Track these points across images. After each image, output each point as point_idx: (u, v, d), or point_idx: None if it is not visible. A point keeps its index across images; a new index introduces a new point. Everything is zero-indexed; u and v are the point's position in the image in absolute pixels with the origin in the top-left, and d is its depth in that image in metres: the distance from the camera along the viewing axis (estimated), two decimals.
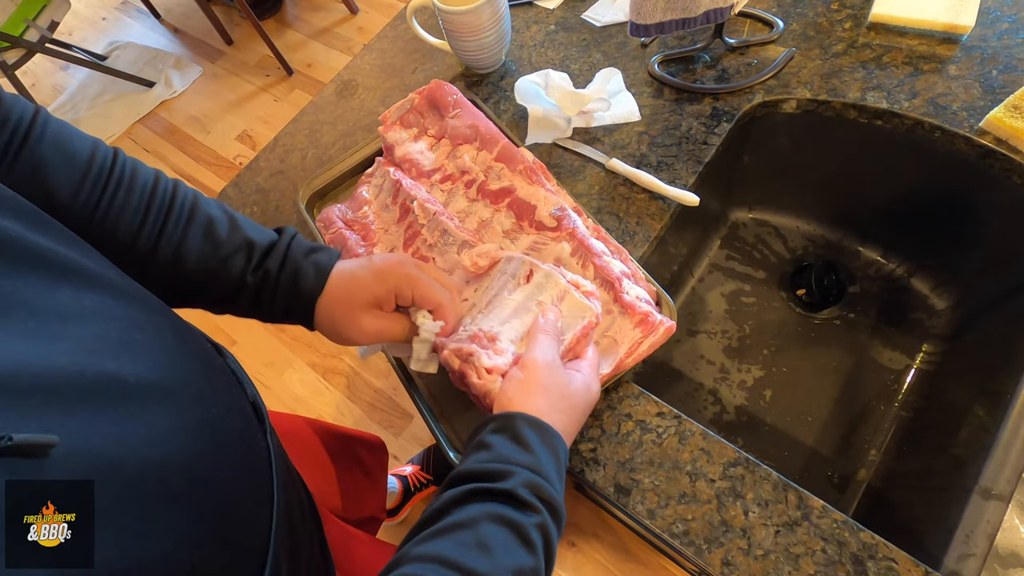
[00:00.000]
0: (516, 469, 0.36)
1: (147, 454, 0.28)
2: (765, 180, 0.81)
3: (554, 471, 0.38)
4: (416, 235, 0.61)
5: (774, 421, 0.76)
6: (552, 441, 0.39)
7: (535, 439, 0.38)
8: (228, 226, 0.45)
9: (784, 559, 0.44)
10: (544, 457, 0.38)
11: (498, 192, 0.60)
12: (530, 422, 0.39)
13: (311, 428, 0.72)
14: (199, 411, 0.33)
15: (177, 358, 0.34)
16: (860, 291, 0.81)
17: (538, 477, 0.37)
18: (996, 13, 0.65)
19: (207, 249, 0.44)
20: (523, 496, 0.35)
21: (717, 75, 0.69)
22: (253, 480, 0.37)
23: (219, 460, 0.33)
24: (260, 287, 0.46)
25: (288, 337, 1.59)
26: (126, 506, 0.26)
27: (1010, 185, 0.59)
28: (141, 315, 0.34)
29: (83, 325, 0.29)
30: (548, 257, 0.55)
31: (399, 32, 0.87)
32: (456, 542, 0.32)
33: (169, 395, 0.32)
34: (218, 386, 0.37)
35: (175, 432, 0.30)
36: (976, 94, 0.61)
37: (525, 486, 0.35)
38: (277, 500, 0.38)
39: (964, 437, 0.58)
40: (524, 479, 0.36)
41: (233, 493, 0.34)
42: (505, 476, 0.36)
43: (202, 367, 0.37)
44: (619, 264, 0.54)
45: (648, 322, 0.49)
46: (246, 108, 2.10)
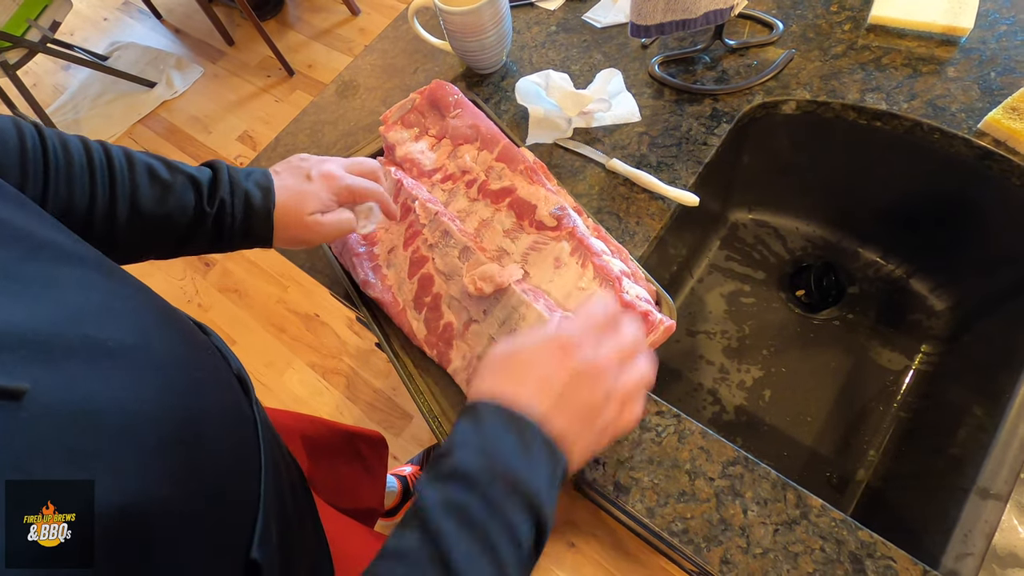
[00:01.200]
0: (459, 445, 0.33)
1: (130, 407, 0.29)
2: (765, 181, 0.82)
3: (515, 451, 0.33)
4: (417, 234, 0.61)
5: (773, 421, 0.76)
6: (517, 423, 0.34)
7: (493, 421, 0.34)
8: (165, 167, 0.47)
9: (783, 557, 0.44)
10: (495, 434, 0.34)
11: (499, 192, 0.60)
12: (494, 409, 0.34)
13: (310, 423, 0.72)
14: (183, 374, 0.34)
15: (159, 327, 0.35)
16: (859, 292, 0.82)
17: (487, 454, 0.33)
18: (995, 15, 0.66)
19: (157, 193, 0.46)
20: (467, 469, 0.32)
21: (717, 76, 0.70)
22: (240, 443, 0.38)
23: (205, 419, 0.34)
24: (219, 216, 0.48)
25: (288, 337, 1.59)
26: (113, 450, 0.27)
27: (1008, 186, 0.59)
28: (121, 288, 0.35)
29: (64, 292, 0.30)
30: (548, 256, 0.55)
31: (400, 33, 0.87)
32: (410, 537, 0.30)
33: (152, 359, 0.32)
34: (201, 356, 0.38)
35: (158, 389, 0.31)
36: (975, 96, 0.61)
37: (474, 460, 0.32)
38: (265, 466, 0.38)
39: (962, 437, 0.59)
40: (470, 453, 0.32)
41: (220, 452, 0.35)
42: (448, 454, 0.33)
43: (184, 337, 0.37)
44: (619, 263, 0.54)
45: (648, 321, 0.49)
46: (247, 108, 2.11)
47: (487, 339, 0.54)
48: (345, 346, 1.55)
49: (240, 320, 1.64)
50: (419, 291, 0.59)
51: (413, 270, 0.60)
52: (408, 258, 0.61)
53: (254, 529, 0.35)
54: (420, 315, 0.58)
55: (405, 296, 0.59)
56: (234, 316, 1.65)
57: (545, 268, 0.54)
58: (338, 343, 1.55)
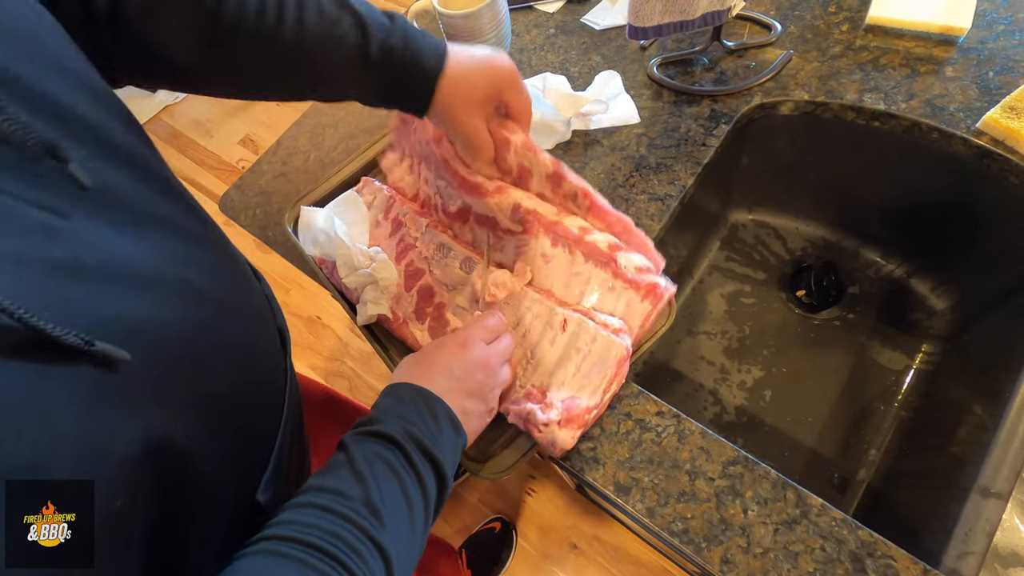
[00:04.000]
0: (383, 415, 0.40)
1: (205, 353, 0.33)
2: (764, 181, 0.82)
3: (425, 418, 0.41)
4: (410, 247, 0.61)
5: (774, 422, 0.76)
6: (427, 399, 0.43)
7: (410, 396, 0.42)
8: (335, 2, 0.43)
9: (783, 557, 0.44)
10: (412, 406, 0.42)
11: (459, 212, 0.58)
12: (408, 386, 0.43)
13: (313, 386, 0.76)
14: (244, 326, 0.39)
15: (230, 275, 0.39)
16: (859, 292, 0.82)
17: (404, 421, 0.40)
18: (992, 15, 0.66)
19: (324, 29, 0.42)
20: (390, 432, 0.39)
21: (715, 77, 0.70)
22: (271, 392, 0.42)
23: (250, 372, 0.39)
24: (382, 64, 0.44)
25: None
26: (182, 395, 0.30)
27: (1007, 185, 0.59)
28: (203, 229, 0.38)
29: (163, 230, 0.33)
30: (535, 255, 0.54)
31: None
32: (338, 475, 0.36)
33: (225, 306, 0.36)
34: (257, 307, 0.42)
35: (226, 340, 0.35)
36: (973, 95, 0.61)
37: (395, 427, 0.39)
38: (285, 414, 0.43)
39: (963, 436, 0.58)
40: (392, 421, 0.40)
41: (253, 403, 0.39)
42: (376, 421, 0.40)
43: (247, 286, 0.41)
44: (603, 236, 0.52)
45: (656, 293, 0.51)
46: (249, 112, 2.11)
47: None
48: (347, 348, 1.55)
49: None
50: (420, 302, 0.59)
51: (410, 283, 0.60)
52: (403, 271, 0.61)
53: (263, 474, 0.39)
54: (423, 325, 0.58)
55: (405, 309, 0.59)
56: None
57: (538, 267, 0.54)
58: (340, 346, 1.56)
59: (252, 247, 1.78)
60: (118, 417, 0.26)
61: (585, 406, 0.49)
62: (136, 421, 0.27)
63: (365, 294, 0.59)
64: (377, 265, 0.58)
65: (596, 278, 0.52)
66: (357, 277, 0.58)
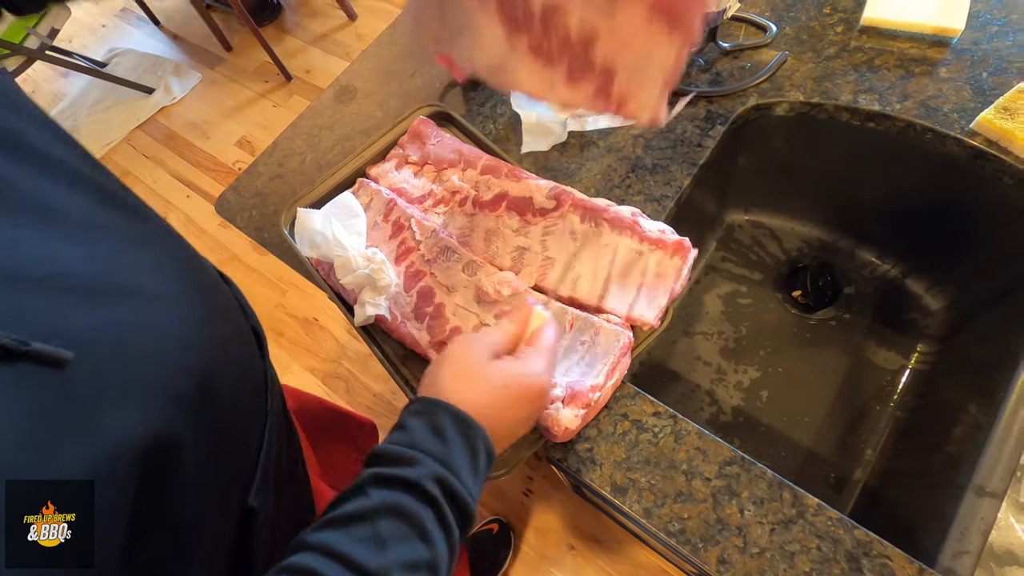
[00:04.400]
0: (423, 458, 0.35)
1: (164, 354, 0.31)
2: (760, 182, 0.82)
3: (466, 464, 0.37)
4: (411, 250, 0.62)
5: (770, 422, 0.76)
6: (471, 435, 0.38)
7: (452, 431, 0.37)
8: None
9: (779, 557, 0.44)
10: (456, 449, 0.37)
11: (493, 200, 0.61)
12: (453, 414, 0.38)
13: (306, 398, 0.74)
14: (212, 327, 0.36)
15: (192, 277, 0.37)
16: (855, 292, 0.82)
17: (444, 469, 0.35)
18: (986, 16, 0.66)
19: None
20: (427, 488, 0.34)
21: (711, 78, 0.70)
22: (251, 394, 0.40)
23: (224, 368, 0.36)
24: None
25: (287, 341, 1.59)
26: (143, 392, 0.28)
27: (1001, 186, 0.60)
28: (158, 234, 0.37)
29: (112, 238, 0.32)
30: (563, 234, 0.57)
31: (397, 37, 0.88)
32: (350, 535, 0.32)
33: (187, 308, 0.34)
34: (225, 308, 0.41)
35: (192, 341, 0.33)
36: (967, 96, 0.61)
37: (431, 478, 0.34)
38: (269, 419, 0.41)
39: (958, 435, 0.59)
40: (429, 469, 0.35)
41: (233, 400, 0.37)
42: (412, 463, 0.35)
43: (213, 288, 0.40)
44: (626, 208, 0.57)
45: (684, 247, 0.54)
46: (245, 114, 2.11)
47: None
48: (344, 350, 1.55)
49: None
50: (419, 302, 0.59)
51: (409, 284, 0.60)
52: (403, 273, 0.61)
53: (254, 477, 0.37)
54: (422, 324, 0.58)
55: (403, 309, 0.60)
56: None
57: (565, 245, 0.57)
58: (337, 347, 1.56)
59: (248, 249, 1.78)
60: (72, 419, 0.25)
61: (590, 385, 0.50)
62: (95, 423, 0.26)
63: (362, 295, 0.59)
64: (374, 266, 0.58)
65: (622, 246, 0.55)
66: (354, 278, 0.58)
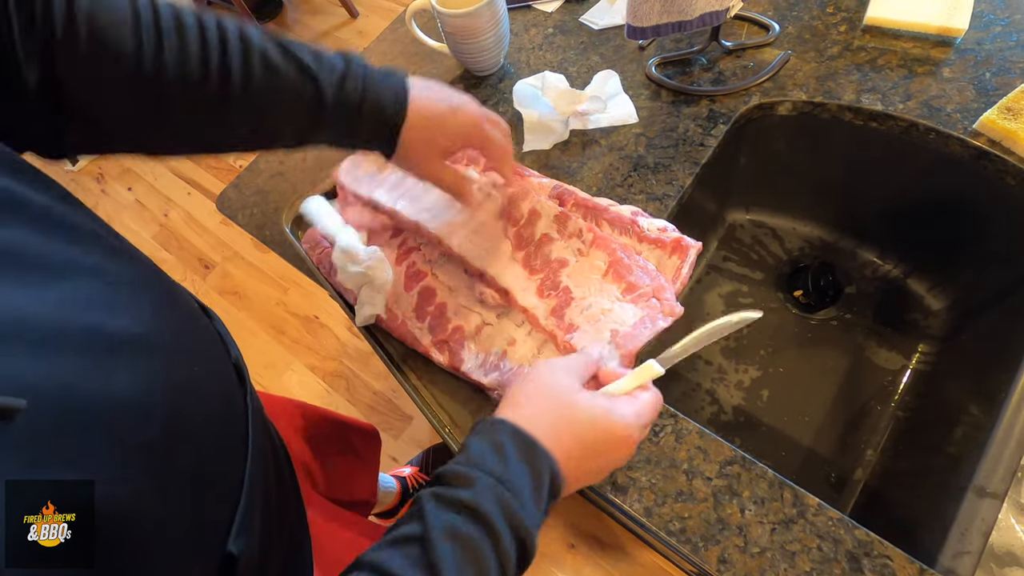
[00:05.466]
0: (480, 476, 0.34)
1: (124, 401, 0.28)
2: (762, 182, 0.82)
3: (528, 488, 0.35)
4: (412, 250, 0.62)
5: (771, 421, 0.76)
6: (535, 458, 0.36)
7: (513, 450, 0.35)
8: (280, 53, 0.43)
9: (780, 556, 0.45)
10: (517, 470, 0.35)
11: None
12: (515, 433, 0.36)
13: (305, 410, 0.73)
14: (182, 368, 0.34)
15: (164, 315, 0.35)
16: (856, 292, 0.82)
17: (503, 489, 0.34)
18: (989, 16, 0.66)
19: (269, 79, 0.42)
20: (485, 511, 0.33)
21: (714, 78, 0.70)
22: (228, 436, 0.37)
23: (196, 414, 0.34)
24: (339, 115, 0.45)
25: (288, 339, 1.59)
26: (101, 449, 0.27)
27: (1003, 186, 0.60)
28: (130, 271, 0.34)
29: (73, 278, 0.30)
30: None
31: (398, 35, 0.88)
32: (407, 557, 0.31)
33: (153, 350, 0.32)
34: (202, 345, 0.38)
35: (157, 386, 0.31)
36: (970, 96, 0.61)
37: (490, 499, 0.33)
38: (251, 456, 0.38)
39: (959, 436, 0.59)
40: (487, 489, 0.33)
41: (207, 445, 0.34)
42: (468, 482, 0.34)
43: (188, 326, 0.37)
44: (627, 207, 0.58)
45: (682, 246, 0.53)
46: None
47: (504, 339, 0.55)
48: (345, 348, 1.55)
49: (239, 322, 1.64)
50: (420, 302, 0.59)
51: (410, 284, 0.60)
52: (403, 272, 0.61)
53: (232, 523, 0.35)
54: (423, 324, 0.58)
55: (404, 309, 0.59)
56: (233, 318, 1.65)
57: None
58: (338, 345, 1.56)
59: (249, 246, 1.78)
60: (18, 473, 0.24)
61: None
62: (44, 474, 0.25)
63: (361, 295, 0.59)
64: (371, 263, 0.58)
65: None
66: (352, 275, 0.58)
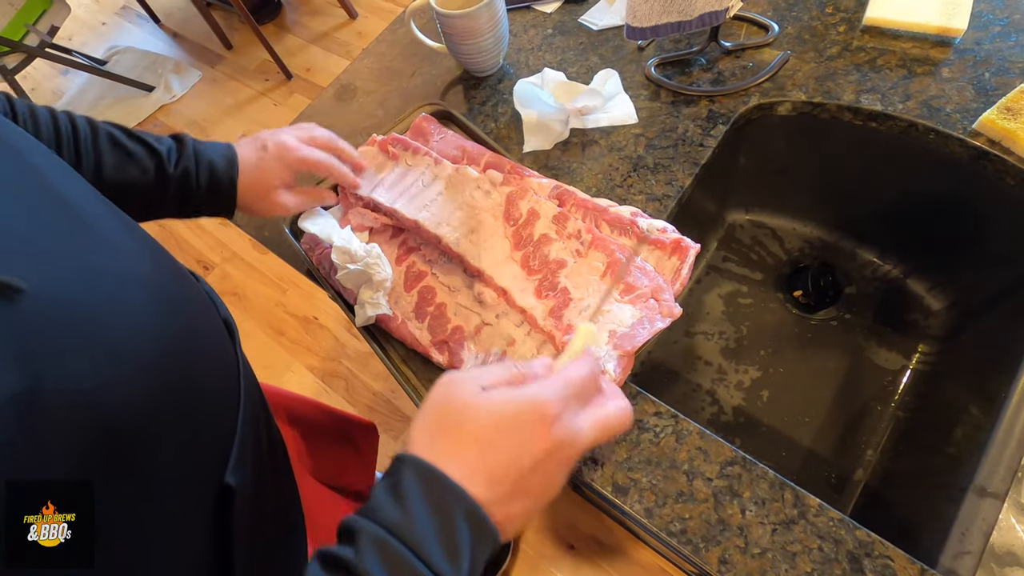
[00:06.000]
0: (366, 526, 0.28)
1: (126, 321, 0.31)
2: (761, 182, 0.82)
3: (430, 533, 0.27)
4: (412, 250, 0.62)
5: (771, 422, 0.76)
6: (439, 491, 0.28)
7: (414, 488, 0.28)
8: (126, 135, 0.50)
9: (781, 557, 0.44)
10: (419, 513, 0.28)
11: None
12: (414, 465, 0.29)
13: (301, 402, 0.74)
14: (174, 305, 0.36)
15: (154, 263, 0.37)
16: (856, 292, 0.82)
17: (392, 538, 0.27)
18: (988, 16, 0.66)
19: (119, 159, 0.49)
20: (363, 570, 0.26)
21: (713, 78, 0.70)
22: (222, 379, 0.39)
23: (192, 349, 0.36)
24: (184, 183, 0.51)
25: (287, 340, 1.59)
26: (110, 355, 0.28)
27: (1003, 186, 0.59)
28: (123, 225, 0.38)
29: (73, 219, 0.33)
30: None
31: (398, 36, 0.87)
32: None
33: (146, 288, 0.34)
34: (191, 294, 0.41)
35: (151, 312, 0.33)
36: (969, 96, 0.61)
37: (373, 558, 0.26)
38: (243, 403, 0.40)
39: (959, 436, 0.59)
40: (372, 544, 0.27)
41: (204, 380, 0.36)
42: (352, 537, 0.28)
43: (177, 277, 0.40)
44: (626, 208, 0.58)
45: (682, 247, 0.53)
46: (245, 112, 2.11)
47: (503, 339, 0.55)
48: (344, 349, 1.55)
49: (238, 323, 1.63)
50: (420, 302, 0.59)
51: (410, 284, 0.60)
52: (403, 272, 0.61)
53: (229, 455, 0.37)
54: (423, 324, 0.58)
55: (403, 309, 0.59)
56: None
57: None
58: (337, 346, 1.55)
59: (248, 247, 1.78)
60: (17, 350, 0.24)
61: None
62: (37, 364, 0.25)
63: (361, 295, 0.59)
64: (371, 260, 0.58)
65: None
66: (351, 274, 0.58)
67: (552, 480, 0.31)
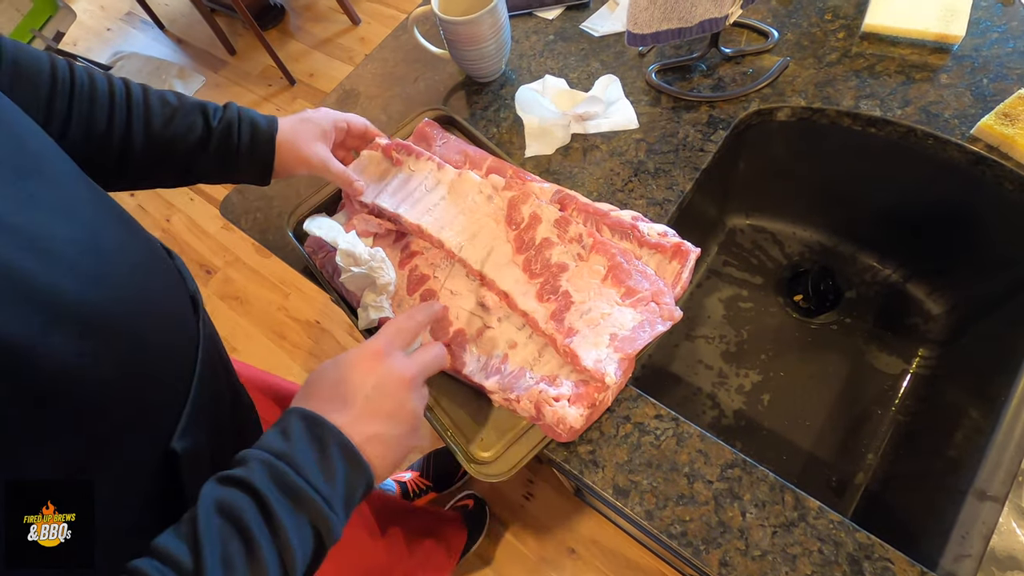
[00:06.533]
0: (255, 454, 0.34)
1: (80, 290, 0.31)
2: (761, 187, 0.82)
3: (310, 459, 0.35)
4: (415, 254, 0.62)
5: (772, 425, 0.77)
6: (320, 430, 0.36)
7: (299, 427, 0.36)
8: (176, 96, 0.54)
9: (781, 559, 0.45)
10: (301, 446, 0.35)
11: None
12: (301, 414, 0.37)
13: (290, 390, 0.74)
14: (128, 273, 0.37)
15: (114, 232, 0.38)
16: (856, 296, 0.82)
17: (279, 461, 0.34)
18: (986, 23, 0.67)
19: (168, 113, 0.52)
20: (251, 481, 0.32)
21: (713, 84, 0.70)
22: (176, 350, 0.40)
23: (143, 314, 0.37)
24: (226, 138, 0.54)
25: (289, 344, 1.59)
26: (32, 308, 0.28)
27: (1001, 191, 0.60)
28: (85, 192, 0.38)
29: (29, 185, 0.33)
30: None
31: (400, 42, 0.88)
32: (178, 536, 0.30)
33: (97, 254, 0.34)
34: (155, 267, 0.42)
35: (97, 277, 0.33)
36: (967, 102, 0.62)
37: (262, 473, 0.33)
38: (199, 375, 0.41)
39: (959, 440, 0.59)
40: (261, 464, 0.34)
41: (149, 341, 0.37)
42: (243, 461, 0.34)
43: (140, 247, 0.41)
44: (627, 212, 0.58)
45: (682, 251, 0.54)
46: None
47: (505, 342, 0.55)
48: None
49: (241, 327, 1.64)
50: None
51: (413, 287, 0.61)
52: (407, 276, 0.62)
53: (177, 422, 0.38)
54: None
55: None
56: (235, 323, 1.65)
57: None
58: (339, 349, 1.56)
59: (251, 251, 1.79)
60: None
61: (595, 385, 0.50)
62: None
63: (364, 298, 0.59)
64: (375, 264, 0.58)
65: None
66: (355, 277, 0.59)
67: (399, 404, 0.40)
